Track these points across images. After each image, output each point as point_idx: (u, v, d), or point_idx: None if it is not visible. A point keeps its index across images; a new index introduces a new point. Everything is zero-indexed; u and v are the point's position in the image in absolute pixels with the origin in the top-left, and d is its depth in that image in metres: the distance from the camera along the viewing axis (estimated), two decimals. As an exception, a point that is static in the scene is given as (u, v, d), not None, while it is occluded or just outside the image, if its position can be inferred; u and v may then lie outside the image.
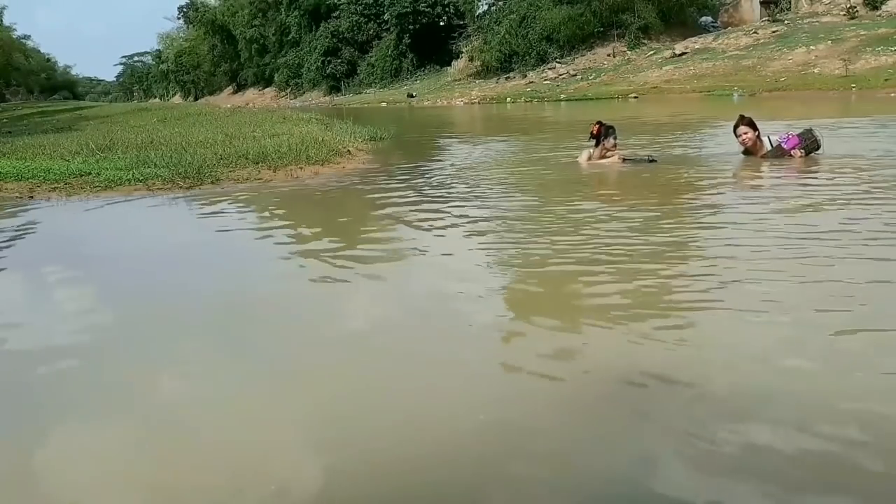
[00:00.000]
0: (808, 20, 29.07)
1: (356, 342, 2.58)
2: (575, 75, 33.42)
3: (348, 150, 8.77)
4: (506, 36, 37.87)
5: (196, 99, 68.45)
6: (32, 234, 5.13)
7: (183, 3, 70.41)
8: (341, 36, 51.74)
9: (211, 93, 70.27)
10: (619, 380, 2.10)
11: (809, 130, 6.21)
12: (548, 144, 9.69)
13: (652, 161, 6.48)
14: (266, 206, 5.66)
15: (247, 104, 45.99)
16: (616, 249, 3.49)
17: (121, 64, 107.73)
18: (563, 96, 29.06)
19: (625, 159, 6.59)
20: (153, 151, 8.25)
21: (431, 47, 45.79)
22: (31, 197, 6.29)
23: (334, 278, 3.45)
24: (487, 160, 8.33)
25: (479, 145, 10.82)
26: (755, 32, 29.67)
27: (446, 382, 2.20)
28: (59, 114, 25.27)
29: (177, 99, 73.57)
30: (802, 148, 6.07)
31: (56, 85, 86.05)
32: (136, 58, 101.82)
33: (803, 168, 5.86)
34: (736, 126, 6.40)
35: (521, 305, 2.89)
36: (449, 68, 43.79)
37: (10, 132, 14.49)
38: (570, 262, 3.34)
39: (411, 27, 45.99)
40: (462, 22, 44.07)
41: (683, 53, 30.43)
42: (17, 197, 6.29)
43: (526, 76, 36.03)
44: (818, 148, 6.13)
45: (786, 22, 29.73)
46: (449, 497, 1.61)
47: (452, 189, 5.99)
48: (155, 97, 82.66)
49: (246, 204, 5.76)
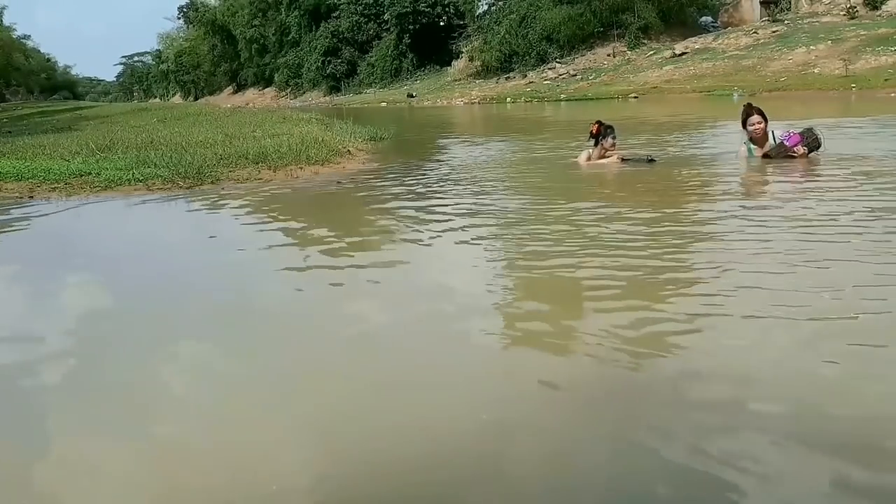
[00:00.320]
0: (808, 20, 29.06)
1: (356, 342, 2.57)
2: (575, 75, 33.41)
3: (348, 150, 8.77)
4: (506, 36, 37.87)
5: (196, 99, 68.42)
6: (32, 235, 5.14)
7: (183, 3, 70.63)
8: (341, 36, 51.74)
9: (211, 93, 70.26)
10: (620, 380, 2.10)
11: (810, 129, 6.20)
12: (548, 144, 9.69)
13: (651, 161, 6.48)
14: (266, 206, 5.65)
15: (247, 104, 46.02)
16: (616, 249, 3.48)
17: (121, 64, 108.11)
18: (563, 96, 29.04)
19: (624, 159, 6.59)
20: (153, 151, 8.26)
21: (431, 47, 45.79)
22: (32, 197, 6.29)
23: (334, 278, 3.45)
24: (487, 160, 8.33)
25: (479, 145, 10.82)
26: (755, 32, 29.65)
27: (446, 382, 2.20)
28: (59, 114, 25.28)
29: (177, 99, 73.55)
30: (805, 145, 6.06)
31: (56, 85, 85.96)
32: (136, 58, 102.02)
33: (805, 168, 5.85)
34: (747, 115, 6.31)
35: (522, 305, 2.89)
36: (449, 68, 43.77)
37: (10, 132, 14.50)
38: (571, 263, 3.34)
39: (411, 27, 45.98)
40: (462, 22, 44.07)
41: (683, 53, 30.41)
42: (18, 197, 6.29)
43: (526, 76, 36.01)
44: (819, 146, 6.12)
45: (786, 22, 29.72)
46: (449, 497, 1.61)
47: (452, 189, 5.99)
48: (155, 97, 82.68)
49: (246, 204, 5.76)
